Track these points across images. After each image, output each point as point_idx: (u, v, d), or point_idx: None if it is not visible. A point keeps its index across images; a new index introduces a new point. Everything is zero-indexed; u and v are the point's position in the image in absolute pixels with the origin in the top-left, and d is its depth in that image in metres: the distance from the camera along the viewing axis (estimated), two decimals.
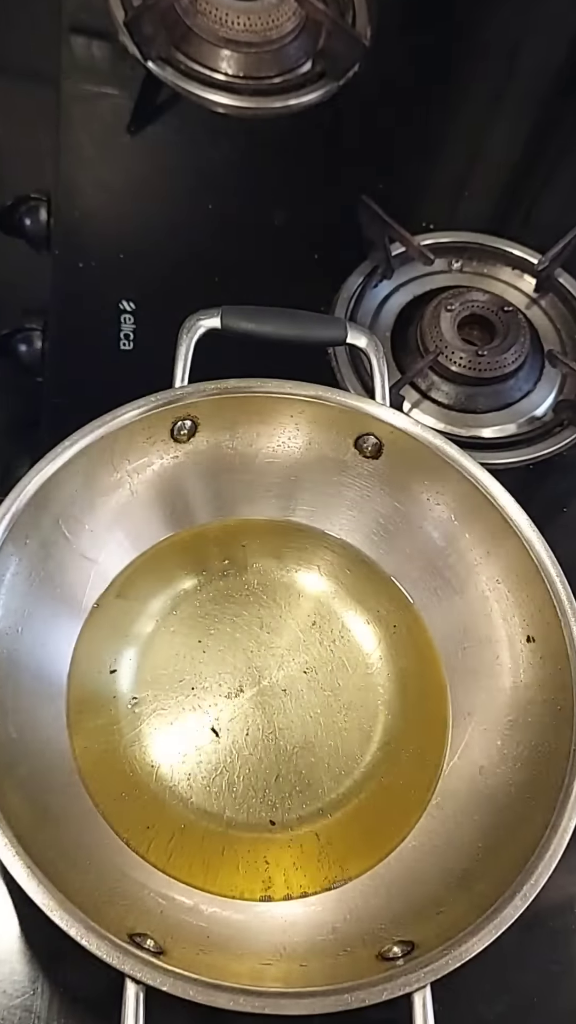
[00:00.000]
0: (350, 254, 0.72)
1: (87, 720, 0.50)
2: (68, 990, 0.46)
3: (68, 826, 0.46)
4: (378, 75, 0.81)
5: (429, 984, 0.40)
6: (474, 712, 0.52)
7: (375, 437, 0.55)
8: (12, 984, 0.46)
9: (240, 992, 0.38)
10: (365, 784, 0.52)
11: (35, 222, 0.72)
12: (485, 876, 0.45)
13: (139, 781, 0.50)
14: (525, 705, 0.50)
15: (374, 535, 0.58)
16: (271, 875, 0.48)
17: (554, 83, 0.88)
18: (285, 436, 0.56)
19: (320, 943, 0.46)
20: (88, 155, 0.73)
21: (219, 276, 0.69)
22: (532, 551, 0.50)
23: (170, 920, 0.45)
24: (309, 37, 0.79)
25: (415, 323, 0.69)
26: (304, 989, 0.39)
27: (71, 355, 0.64)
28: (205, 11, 0.77)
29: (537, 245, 0.74)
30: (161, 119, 0.77)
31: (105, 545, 0.54)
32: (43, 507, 0.49)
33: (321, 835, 0.50)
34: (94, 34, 0.78)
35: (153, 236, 0.72)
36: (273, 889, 0.48)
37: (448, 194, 0.80)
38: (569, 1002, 0.51)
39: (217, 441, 0.55)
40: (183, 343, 0.53)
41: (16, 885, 0.39)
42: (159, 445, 0.53)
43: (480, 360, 0.67)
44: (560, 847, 0.43)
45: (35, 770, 0.46)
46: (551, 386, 0.69)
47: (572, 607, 0.49)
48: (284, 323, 0.55)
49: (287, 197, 0.75)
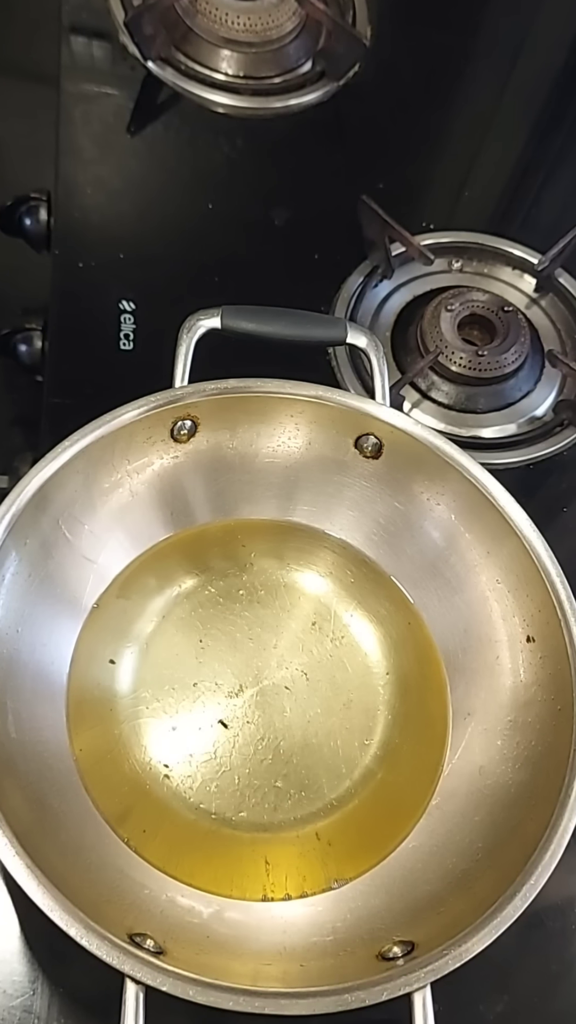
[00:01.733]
0: (350, 254, 0.72)
1: (87, 720, 0.51)
2: (68, 990, 0.46)
3: (68, 826, 0.46)
4: (378, 75, 0.82)
5: (429, 984, 0.40)
6: (474, 712, 0.52)
7: (375, 437, 0.55)
8: (12, 984, 0.46)
9: (240, 992, 0.38)
10: (365, 784, 0.52)
11: (35, 222, 0.72)
12: (485, 876, 0.45)
13: (139, 781, 0.50)
14: (525, 705, 0.50)
15: (374, 535, 0.58)
16: (271, 875, 0.48)
17: (554, 83, 0.88)
18: (285, 436, 0.56)
19: (320, 943, 0.46)
20: (88, 155, 0.73)
21: (219, 276, 0.69)
22: (532, 551, 0.50)
23: (170, 920, 0.45)
24: (309, 37, 0.79)
25: (415, 323, 0.69)
26: (304, 989, 0.39)
27: (71, 355, 0.64)
28: (205, 11, 0.77)
29: (537, 245, 0.74)
30: (161, 119, 0.77)
31: (105, 545, 0.54)
32: (43, 507, 0.49)
33: (321, 835, 0.50)
34: (94, 34, 0.78)
35: (153, 236, 0.72)
36: (273, 889, 0.48)
37: (448, 194, 0.80)
38: (569, 1002, 0.51)
39: (217, 441, 0.55)
40: (183, 343, 0.53)
41: (16, 885, 0.39)
42: (159, 445, 0.53)
43: (480, 360, 0.67)
44: (560, 847, 0.43)
45: (35, 770, 0.46)
46: (551, 386, 0.69)
47: (572, 607, 0.49)
48: (284, 323, 0.55)
49: (287, 197, 0.75)
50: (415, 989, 0.39)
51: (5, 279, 0.74)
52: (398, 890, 0.48)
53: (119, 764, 0.50)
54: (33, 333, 0.70)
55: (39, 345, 0.69)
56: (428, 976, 0.39)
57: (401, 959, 0.42)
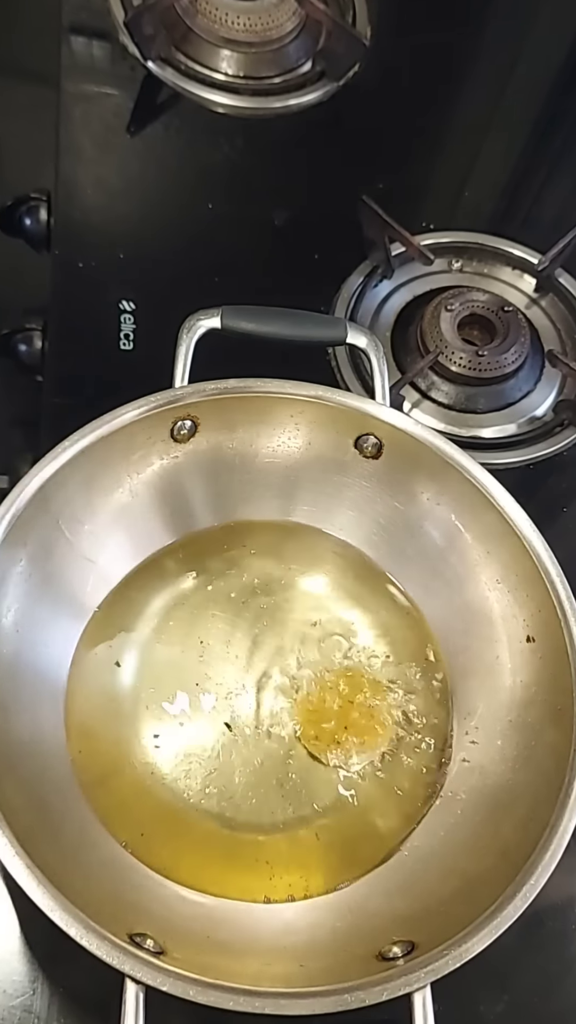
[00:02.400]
0: (350, 254, 0.72)
1: (87, 720, 0.50)
2: (68, 990, 0.46)
3: (68, 826, 0.46)
4: (378, 75, 0.82)
5: (429, 984, 0.40)
6: (474, 712, 0.52)
7: (375, 437, 0.55)
8: (12, 984, 0.46)
9: (240, 992, 0.38)
10: (366, 785, 0.52)
11: (35, 222, 0.72)
12: (485, 876, 0.45)
13: (139, 781, 0.50)
14: (525, 705, 0.50)
15: (374, 535, 0.58)
16: (272, 877, 0.48)
17: (554, 83, 0.88)
18: (285, 436, 0.56)
19: (320, 943, 0.46)
20: (88, 155, 0.73)
21: (219, 276, 0.69)
22: (532, 551, 0.50)
23: (170, 920, 0.45)
24: (309, 37, 0.79)
25: (415, 323, 0.69)
26: (304, 989, 0.39)
27: (71, 355, 0.64)
28: (205, 11, 0.77)
29: (537, 245, 0.74)
30: (161, 119, 0.77)
31: (105, 545, 0.54)
32: (43, 507, 0.49)
33: (322, 836, 0.50)
34: (94, 34, 0.78)
35: (153, 236, 0.72)
36: (275, 891, 0.48)
37: (448, 194, 0.80)
38: (569, 1002, 0.51)
39: (217, 441, 0.55)
40: (183, 343, 0.53)
41: (16, 885, 0.39)
42: (159, 445, 0.53)
43: (480, 360, 0.67)
44: (560, 847, 0.43)
45: (35, 770, 0.46)
46: (551, 386, 0.69)
47: (572, 607, 0.49)
48: (284, 323, 0.55)
49: (287, 197, 0.75)
50: (415, 989, 0.39)
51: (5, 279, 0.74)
52: (398, 890, 0.48)
53: (119, 765, 0.50)
54: (33, 333, 0.69)
55: (39, 345, 0.69)
56: (428, 976, 0.39)
57: (401, 959, 0.42)
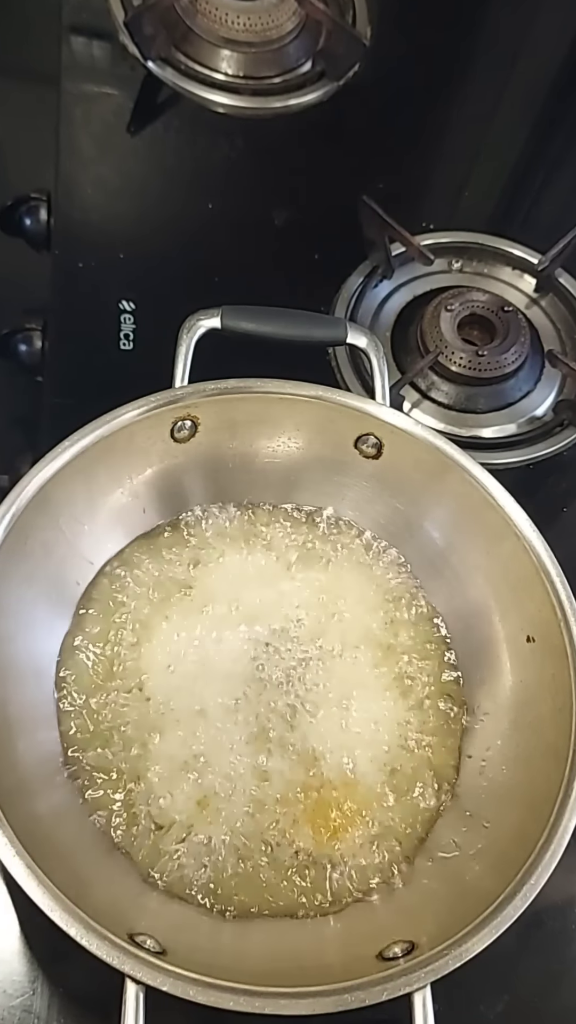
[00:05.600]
0: (350, 254, 0.72)
1: (86, 721, 0.50)
2: (68, 990, 0.46)
3: (68, 826, 0.46)
4: (378, 75, 0.82)
5: (429, 984, 0.40)
6: (474, 712, 0.52)
7: (375, 437, 0.55)
8: (12, 984, 0.46)
9: (240, 992, 0.38)
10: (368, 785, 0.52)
11: (35, 222, 0.72)
12: (485, 876, 0.45)
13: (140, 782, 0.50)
14: (525, 705, 0.50)
15: (374, 535, 0.58)
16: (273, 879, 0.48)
17: (554, 83, 0.88)
18: (285, 436, 0.56)
19: (320, 943, 0.46)
20: (88, 155, 0.73)
21: (219, 276, 0.69)
22: (532, 551, 0.50)
23: (170, 920, 0.45)
24: (309, 37, 0.79)
25: (415, 323, 0.69)
26: (304, 989, 0.39)
27: (71, 355, 0.64)
28: (205, 11, 0.77)
29: (537, 245, 0.74)
30: (161, 119, 0.77)
31: (105, 545, 0.54)
32: (43, 507, 0.49)
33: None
34: (94, 34, 0.78)
35: (153, 236, 0.72)
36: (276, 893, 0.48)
37: (448, 194, 0.80)
38: (569, 1002, 0.51)
39: (217, 441, 0.55)
40: (183, 343, 0.53)
41: (16, 885, 0.39)
42: (159, 445, 0.53)
43: (480, 360, 0.67)
44: (560, 847, 0.43)
45: (35, 771, 0.46)
46: (551, 386, 0.69)
47: (572, 607, 0.49)
48: (284, 323, 0.55)
49: (287, 197, 0.75)
50: (415, 989, 0.39)
51: (5, 279, 0.74)
52: (398, 890, 0.48)
53: (120, 765, 0.50)
54: (33, 333, 0.69)
55: (39, 345, 0.69)
56: (428, 976, 0.39)
57: (401, 959, 0.42)
